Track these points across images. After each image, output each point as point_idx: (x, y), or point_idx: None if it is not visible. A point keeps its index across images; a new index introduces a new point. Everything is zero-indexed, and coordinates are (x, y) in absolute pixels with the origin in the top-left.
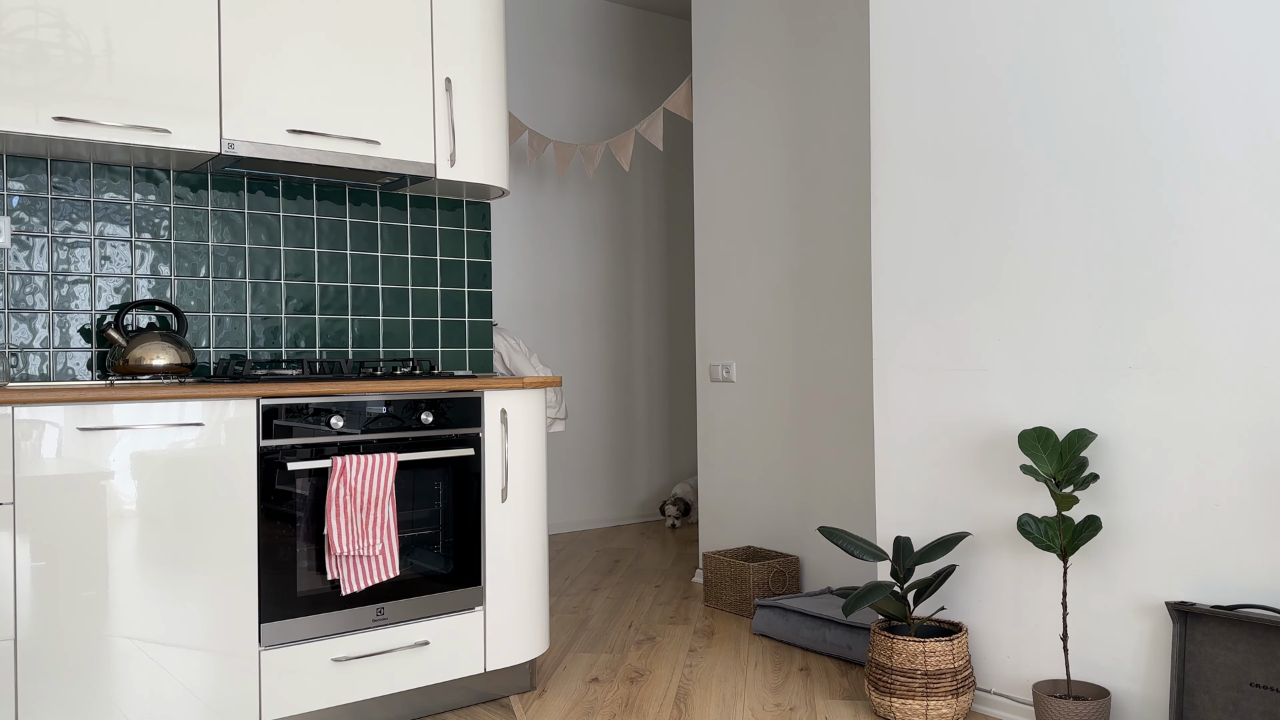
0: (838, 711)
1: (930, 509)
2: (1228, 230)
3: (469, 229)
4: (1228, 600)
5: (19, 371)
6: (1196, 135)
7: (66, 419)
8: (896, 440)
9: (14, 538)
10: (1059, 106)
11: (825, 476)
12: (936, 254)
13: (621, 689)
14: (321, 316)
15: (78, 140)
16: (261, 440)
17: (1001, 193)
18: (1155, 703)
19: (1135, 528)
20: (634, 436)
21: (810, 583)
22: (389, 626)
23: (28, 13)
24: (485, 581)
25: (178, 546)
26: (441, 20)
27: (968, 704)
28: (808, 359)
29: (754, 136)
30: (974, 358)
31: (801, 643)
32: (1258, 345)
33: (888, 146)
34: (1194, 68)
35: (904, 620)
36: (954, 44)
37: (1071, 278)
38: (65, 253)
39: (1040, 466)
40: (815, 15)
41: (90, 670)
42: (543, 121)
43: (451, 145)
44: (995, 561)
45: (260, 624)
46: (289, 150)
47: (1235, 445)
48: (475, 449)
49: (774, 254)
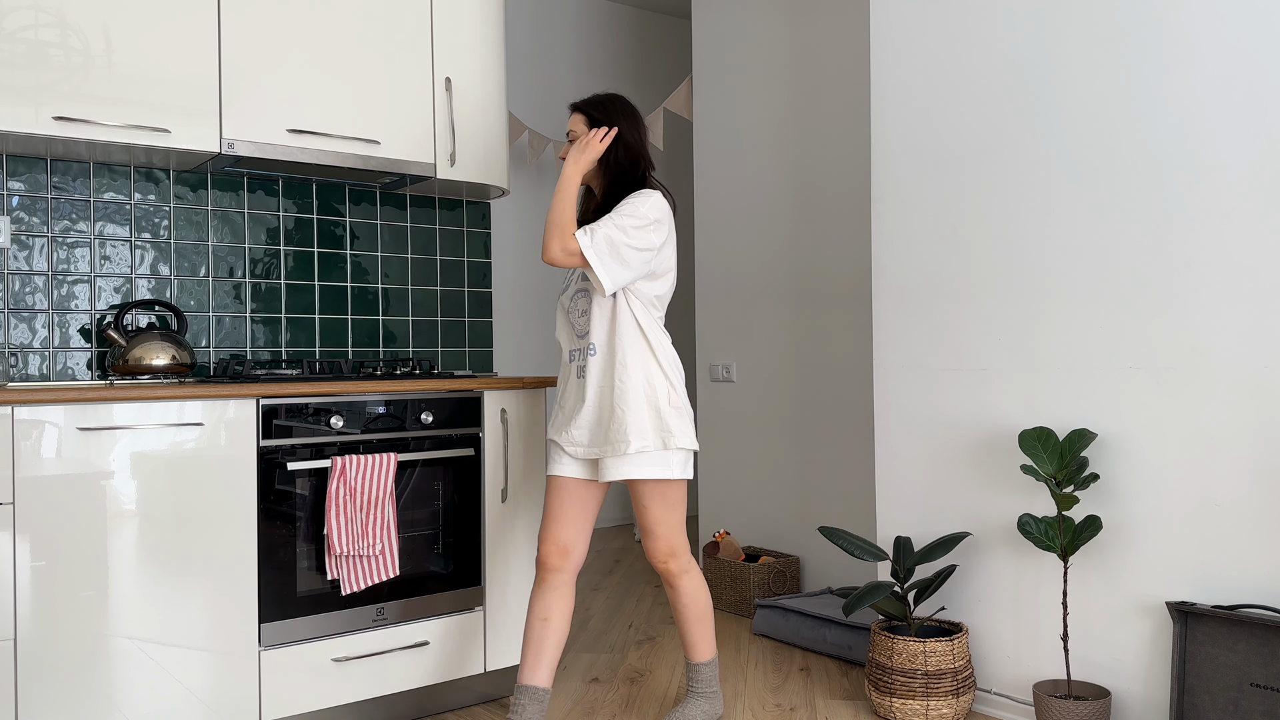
0: (838, 711)
1: (930, 509)
2: (1228, 229)
3: (469, 229)
4: (1228, 600)
5: (19, 371)
6: (1197, 134)
7: (66, 419)
8: (896, 440)
9: (14, 538)
10: (1059, 106)
11: (825, 476)
12: (936, 254)
13: (621, 689)
14: (321, 316)
15: (78, 140)
16: (261, 440)
17: (1001, 192)
18: (1155, 703)
19: (1135, 528)
20: None
21: (810, 583)
22: (389, 626)
23: (28, 12)
24: (485, 581)
25: (178, 546)
26: (441, 20)
27: (968, 704)
28: (808, 359)
29: (754, 136)
30: (974, 358)
31: (802, 643)
32: (1258, 345)
33: (888, 146)
34: (1194, 67)
35: (904, 620)
36: (954, 44)
37: (1072, 277)
38: (65, 253)
39: (1040, 466)
40: (815, 15)
41: (90, 670)
42: (543, 121)
43: (451, 145)
44: (995, 561)
45: (260, 624)
46: (289, 150)
47: (1236, 445)
48: (475, 449)
49: (774, 254)
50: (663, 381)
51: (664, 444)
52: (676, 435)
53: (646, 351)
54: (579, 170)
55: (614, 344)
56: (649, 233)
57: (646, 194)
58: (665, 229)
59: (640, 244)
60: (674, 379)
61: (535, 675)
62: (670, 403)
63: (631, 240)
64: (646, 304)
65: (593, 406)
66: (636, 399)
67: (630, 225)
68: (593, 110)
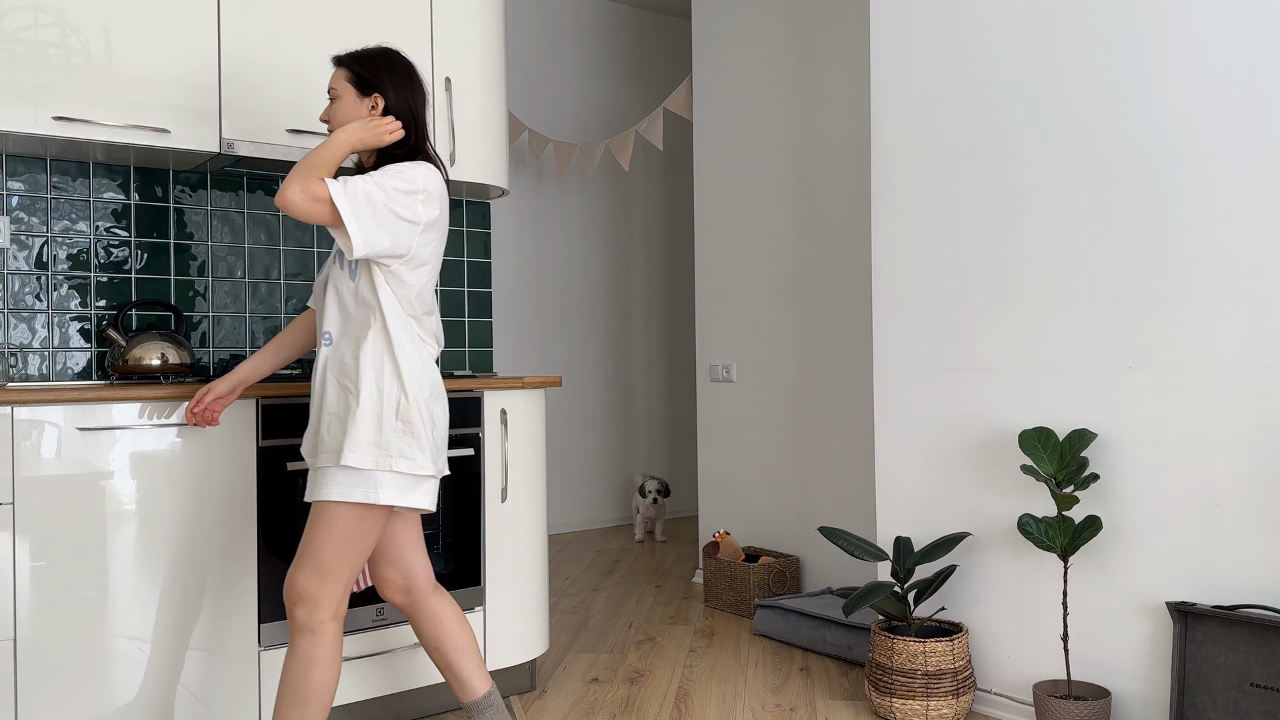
0: (838, 712)
1: (930, 509)
2: (1228, 229)
3: (469, 229)
4: (1228, 600)
5: (19, 371)
6: (1197, 134)
7: (66, 419)
8: (896, 440)
9: (14, 538)
10: (1059, 106)
11: (825, 476)
12: (937, 254)
13: (621, 689)
14: None
15: (77, 140)
16: (261, 440)
17: (1001, 192)
18: (1155, 703)
19: (1136, 528)
20: (634, 437)
21: (810, 583)
22: (389, 626)
23: (27, 12)
24: (485, 582)
25: (177, 546)
26: (441, 20)
27: (968, 704)
28: (808, 359)
29: (754, 136)
30: (974, 358)
31: (802, 643)
32: (1258, 344)
33: (888, 146)
34: (1194, 66)
35: (904, 620)
36: (954, 43)
37: (1072, 277)
38: (65, 253)
39: (1041, 466)
40: (815, 15)
41: (90, 670)
42: (543, 121)
43: (451, 145)
44: (995, 561)
45: (260, 624)
46: (288, 150)
47: (1236, 445)
48: (475, 449)
49: (774, 254)
50: (395, 390)
51: (376, 462)
52: (394, 456)
53: (384, 352)
54: (350, 145)
55: (347, 335)
56: (416, 202)
57: (417, 163)
58: (436, 206)
59: (405, 212)
60: (413, 392)
61: (468, 690)
62: (400, 415)
63: (394, 204)
64: (401, 299)
65: (315, 407)
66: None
67: (394, 187)
68: (358, 67)
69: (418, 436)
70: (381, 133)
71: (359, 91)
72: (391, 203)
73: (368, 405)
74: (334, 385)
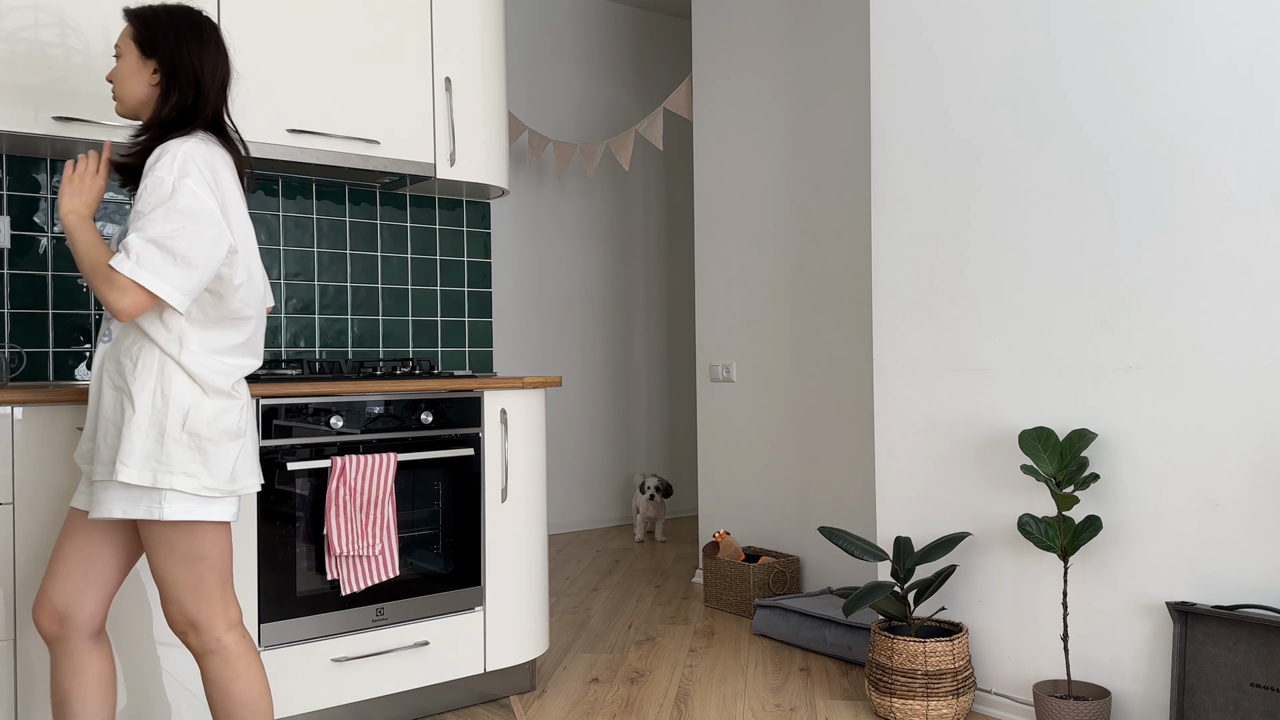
0: (838, 712)
1: (930, 509)
2: (1227, 229)
3: (469, 229)
4: (1228, 600)
5: (18, 371)
6: (1197, 134)
7: (66, 419)
8: (896, 440)
9: (14, 538)
10: (1059, 106)
11: (825, 476)
12: (936, 254)
13: (621, 689)
14: (321, 316)
15: (77, 140)
16: (261, 440)
17: (1001, 192)
18: (1156, 703)
19: (1136, 528)
20: (634, 437)
21: (810, 583)
22: (389, 626)
23: (27, 12)
24: (485, 581)
25: None
26: (441, 20)
27: (968, 704)
28: (808, 359)
29: (754, 136)
30: (974, 358)
31: (802, 643)
32: (1258, 345)
33: (888, 146)
34: (1195, 66)
35: (904, 620)
36: (954, 43)
37: (1071, 277)
38: (65, 252)
39: (1041, 466)
40: (815, 15)
41: None
42: (543, 121)
43: (451, 145)
44: (995, 561)
45: (260, 624)
46: (289, 150)
47: (1236, 445)
48: (475, 449)
49: (774, 254)
50: (186, 395)
51: (154, 478)
52: (174, 473)
53: (170, 353)
54: (79, 217)
55: (128, 331)
56: (185, 198)
57: (166, 149)
58: (204, 178)
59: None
60: (203, 401)
61: None
62: (186, 427)
63: (174, 224)
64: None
65: (91, 410)
66: (138, 412)
67: (158, 204)
68: (141, 26)
69: (205, 451)
70: (89, 186)
71: (141, 52)
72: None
73: (144, 413)
74: (110, 388)
